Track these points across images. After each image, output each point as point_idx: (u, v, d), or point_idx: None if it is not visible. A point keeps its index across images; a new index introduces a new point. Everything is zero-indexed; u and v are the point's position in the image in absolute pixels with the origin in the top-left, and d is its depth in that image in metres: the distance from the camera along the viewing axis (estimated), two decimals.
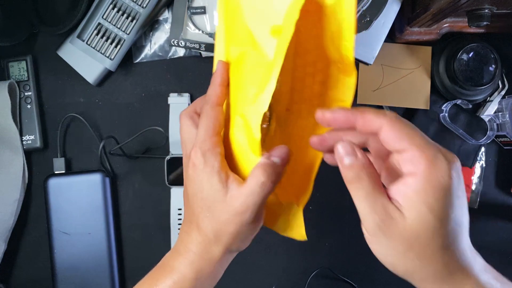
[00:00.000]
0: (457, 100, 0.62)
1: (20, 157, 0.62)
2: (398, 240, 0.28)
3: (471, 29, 0.60)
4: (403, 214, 0.28)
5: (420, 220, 0.27)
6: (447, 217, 0.27)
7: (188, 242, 0.36)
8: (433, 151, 0.28)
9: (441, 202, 0.27)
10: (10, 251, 0.63)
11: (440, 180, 0.27)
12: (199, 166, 0.34)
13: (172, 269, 0.36)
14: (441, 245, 0.28)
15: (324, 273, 0.65)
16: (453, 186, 0.27)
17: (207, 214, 0.34)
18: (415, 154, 0.28)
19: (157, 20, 0.63)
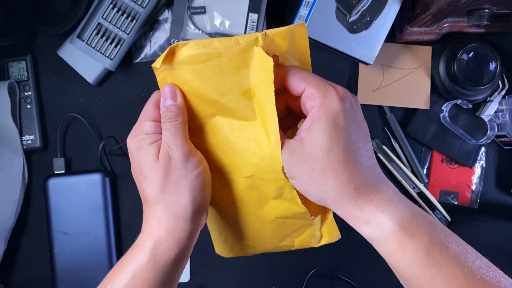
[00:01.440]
0: (457, 100, 0.62)
1: (20, 157, 0.62)
2: (303, 164, 0.32)
3: (471, 29, 0.60)
4: (304, 142, 0.32)
5: (316, 142, 0.32)
6: (340, 138, 0.32)
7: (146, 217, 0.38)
8: (325, 86, 0.33)
9: (333, 125, 0.31)
10: (10, 251, 0.63)
11: (331, 107, 0.32)
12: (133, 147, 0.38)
13: (134, 246, 0.37)
14: (339, 161, 0.32)
15: (324, 273, 0.65)
16: (344, 112, 0.32)
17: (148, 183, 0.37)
18: (311, 91, 0.33)
19: (157, 20, 0.63)
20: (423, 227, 0.31)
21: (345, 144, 0.32)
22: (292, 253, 0.65)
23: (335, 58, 0.64)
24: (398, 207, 0.32)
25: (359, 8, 0.56)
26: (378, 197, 0.32)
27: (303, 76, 0.34)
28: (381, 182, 0.33)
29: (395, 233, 0.31)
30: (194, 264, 0.65)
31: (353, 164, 0.32)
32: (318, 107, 0.32)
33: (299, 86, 0.34)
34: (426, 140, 0.64)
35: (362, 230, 0.33)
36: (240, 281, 0.65)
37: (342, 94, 0.33)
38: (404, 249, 0.31)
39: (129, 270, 0.35)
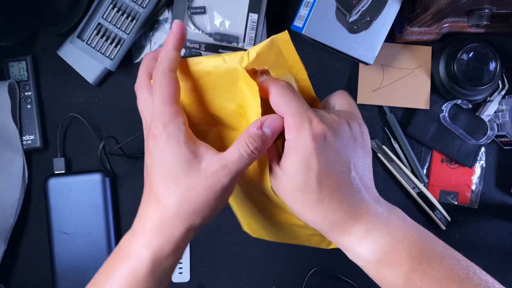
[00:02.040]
0: (457, 100, 0.62)
1: (20, 157, 0.62)
2: (286, 195, 0.33)
3: (471, 29, 0.60)
4: (285, 174, 0.32)
5: (292, 180, 0.32)
6: (312, 179, 0.31)
7: (146, 219, 0.33)
8: (300, 120, 0.31)
9: (305, 165, 0.31)
10: (10, 251, 0.63)
11: (304, 145, 0.31)
12: (161, 138, 0.32)
13: (128, 253, 0.33)
14: (314, 200, 0.32)
15: (324, 273, 0.65)
16: (316, 152, 0.31)
17: (170, 186, 0.32)
18: (288, 121, 0.32)
19: (157, 20, 0.63)
20: (402, 255, 0.31)
21: (319, 184, 0.31)
22: (292, 253, 0.65)
23: (335, 58, 0.64)
24: (376, 239, 0.32)
25: (359, 8, 0.56)
26: (356, 229, 0.32)
27: (285, 99, 0.32)
28: (362, 211, 0.33)
29: (372, 263, 0.32)
30: (194, 264, 0.65)
31: (330, 200, 0.32)
32: (292, 142, 0.31)
33: (279, 110, 0.32)
34: (426, 140, 0.64)
35: (345, 252, 0.34)
36: (240, 281, 0.65)
37: (317, 132, 0.31)
38: (383, 276, 0.32)
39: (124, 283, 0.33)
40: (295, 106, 0.32)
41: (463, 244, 0.64)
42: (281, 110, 0.32)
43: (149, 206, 0.33)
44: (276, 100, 0.32)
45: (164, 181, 0.32)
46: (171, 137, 0.32)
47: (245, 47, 0.59)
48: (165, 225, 0.32)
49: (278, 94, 0.32)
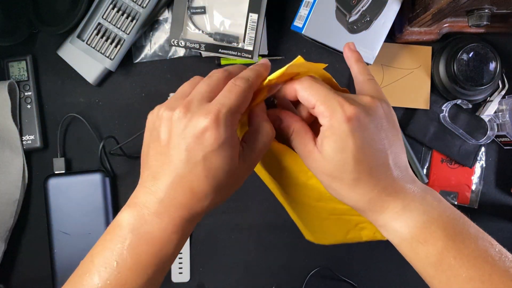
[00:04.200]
0: (457, 100, 0.62)
1: (20, 157, 0.62)
2: (324, 175, 0.34)
3: (471, 29, 0.60)
4: (323, 154, 0.34)
5: (330, 161, 0.33)
6: (349, 158, 0.33)
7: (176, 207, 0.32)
8: (333, 105, 0.33)
9: (342, 146, 0.33)
10: (10, 251, 0.63)
11: (339, 128, 0.32)
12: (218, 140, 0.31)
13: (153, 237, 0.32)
14: (353, 179, 0.33)
15: (324, 273, 0.65)
16: (351, 133, 0.32)
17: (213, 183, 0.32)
18: (320, 108, 0.33)
19: (157, 20, 0.63)
20: (437, 233, 0.33)
21: (357, 163, 0.33)
22: (292, 253, 0.65)
23: (335, 58, 0.64)
24: (412, 215, 0.33)
25: (359, 8, 0.56)
26: (392, 205, 0.34)
27: (313, 92, 0.34)
28: (398, 189, 0.34)
29: (407, 239, 0.33)
30: (194, 264, 0.65)
31: (367, 179, 0.33)
32: (327, 126, 0.33)
33: (309, 102, 0.34)
34: (426, 140, 0.64)
35: (379, 230, 0.36)
36: (240, 281, 0.65)
37: (350, 114, 0.32)
38: (416, 253, 0.33)
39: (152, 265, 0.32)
40: (324, 93, 0.34)
41: None
42: (311, 101, 0.34)
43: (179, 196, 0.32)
44: (304, 94, 0.34)
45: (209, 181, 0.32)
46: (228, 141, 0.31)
47: (245, 47, 0.59)
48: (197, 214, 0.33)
49: (304, 87, 0.34)
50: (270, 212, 0.65)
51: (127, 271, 0.32)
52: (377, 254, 0.65)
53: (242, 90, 0.33)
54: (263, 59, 0.37)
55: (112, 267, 0.32)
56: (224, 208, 0.65)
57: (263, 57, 0.63)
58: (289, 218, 0.65)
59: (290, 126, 0.36)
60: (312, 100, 0.34)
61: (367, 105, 0.34)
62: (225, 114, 0.31)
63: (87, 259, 0.34)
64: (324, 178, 0.35)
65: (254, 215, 0.65)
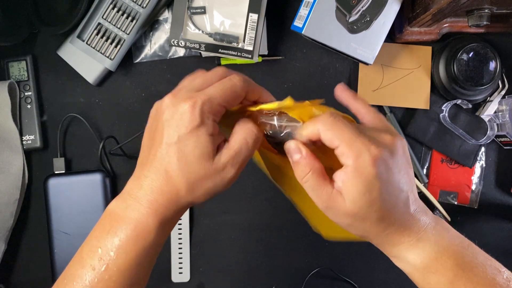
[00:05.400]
0: (457, 100, 0.62)
1: (20, 157, 0.62)
2: (343, 217, 0.34)
3: (471, 29, 0.60)
4: (343, 197, 0.33)
5: (355, 202, 0.33)
6: (376, 199, 0.33)
7: (152, 190, 0.33)
8: (358, 147, 0.33)
9: (369, 188, 0.33)
10: (10, 251, 0.63)
11: (365, 170, 0.32)
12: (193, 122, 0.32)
13: (131, 220, 0.33)
14: (376, 219, 0.34)
15: (325, 273, 0.65)
16: (378, 176, 0.33)
17: (185, 168, 0.33)
18: (344, 150, 0.33)
19: (157, 20, 0.63)
20: (448, 263, 0.34)
21: (381, 205, 0.33)
22: (292, 253, 0.65)
23: (335, 58, 0.64)
24: (425, 246, 0.35)
25: (359, 8, 0.56)
26: (407, 238, 0.35)
27: (336, 132, 0.33)
28: (413, 222, 0.35)
29: (419, 270, 0.35)
30: (194, 264, 0.65)
31: (388, 218, 0.34)
32: (353, 169, 0.33)
33: (332, 143, 0.33)
34: (426, 140, 0.64)
35: (392, 259, 0.38)
36: (240, 281, 0.65)
37: (376, 155, 0.33)
38: (428, 282, 0.35)
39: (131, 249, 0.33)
40: (348, 134, 0.33)
41: None
42: (335, 142, 0.33)
43: (157, 180, 0.34)
44: (327, 134, 0.33)
45: (181, 164, 0.33)
46: (203, 127, 0.33)
47: (245, 47, 0.59)
48: (174, 200, 0.34)
49: (328, 128, 0.33)
50: (270, 212, 0.65)
51: (108, 257, 0.33)
52: (377, 254, 0.65)
53: (232, 84, 0.34)
54: None
55: (97, 253, 0.34)
56: (224, 208, 0.65)
57: (263, 57, 0.63)
58: (289, 218, 0.65)
59: (308, 165, 0.35)
60: (335, 141, 0.33)
61: (389, 146, 0.34)
62: (204, 101, 0.33)
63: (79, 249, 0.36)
64: (345, 219, 0.35)
65: (254, 215, 0.65)
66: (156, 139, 0.34)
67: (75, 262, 0.35)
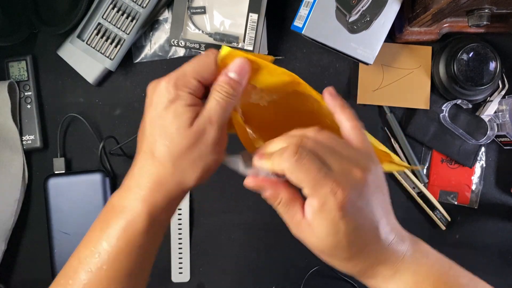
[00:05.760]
0: (457, 100, 0.62)
1: (20, 157, 0.62)
2: (315, 249, 0.34)
3: (471, 29, 0.60)
4: (313, 229, 0.33)
5: (322, 240, 0.33)
6: (342, 241, 0.32)
7: (140, 175, 0.34)
8: (324, 192, 0.31)
9: (334, 231, 0.32)
10: (10, 251, 0.63)
11: (331, 215, 0.31)
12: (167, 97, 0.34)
13: (122, 208, 0.34)
14: (343, 258, 0.33)
15: (324, 272, 0.65)
16: (343, 218, 0.31)
17: (168, 144, 0.33)
18: (309, 193, 0.32)
19: (157, 20, 0.63)
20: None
21: (349, 245, 0.33)
22: (292, 253, 0.65)
23: (335, 58, 0.64)
24: (402, 278, 0.34)
25: (359, 8, 0.56)
26: (383, 272, 0.34)
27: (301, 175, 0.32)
28: (389, 255, 0.34)
29: None
30: (194, 264, 0.65)
31: (359, 255, 0.33)
32: (317, 210, 0.32)
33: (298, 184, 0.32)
34: (426, 140, 0.64)
35: None
36: (240, 281, 0.65)
37: (341, 200, 0.31)
38: None
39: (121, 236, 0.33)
40: (314, 177, 0.31)
41: (463, 244, 0.64)
42: (301, 184, 0.32)
43: (144, 163, 0.34)
44: (293, 178, 0.32)
45: (162, 140, 0.33)
46: (179, 99, 0.33)
47: (245, 47, 0.59)
48: (162, 182, 0.34)
49: (292, 171, 0.32)
50: (270, 212, 0.64)
51: (100, 246, 0.34)
52: None
53: (203, 57, 0.35)
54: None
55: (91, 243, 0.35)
56: (224, 208, 0.65)
57: None
58: None
59: (277, 195, 0.34)
60: (301, 184, 0.32)
61: (360, 183, 0.32)
62: (178, 76, 0.34)
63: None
64: (314, 250, 0.35)
65: (254, 215, 0.65)
66: (142, 124, 0.35)
67: (73, 256, 0.35)
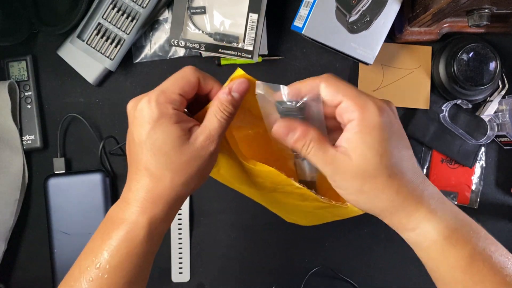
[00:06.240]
0: (457, 100, 0.62)
1: (20, 157, 0.62)
2: (353, 179, 0.33)
3: (471, 29, 0.60)
4: (350, 156, 0.32)
5: (363, 157, 0.32)
6: (386, 151, 0.32)
7: (138, 190, 0.35)
8: (363, 99, 0.32)
9: (377, 139, 0.32)
10: (10, 251, 0.63)
11: (372, 121, 0.32)
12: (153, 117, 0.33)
13: (122, 220, 0.35)
14: (388, 175, 0.32)
15: (325, 273, 0.65)
16: (384, 125, 0.32)
17: (164, 162, 0.34)
18: (349, 104, 0.32)
19: (157, 20, 0.63)
20: (467, 236, 0.33)
21: (391, 158, 0.32)
22: (292, 252, 0.65)
23: (335, 58, 0.64)
24: (443, 216, 0.33)
25: (359, 8, 0.56)
26: (424, 206, 0.33)
27: (340, 88, 0.33)
28: (426, 189, 0.34)
29: (438, 241, 0.33)
30: (194, 264, 0.65)
31: (401, 176, 0.32)
32: (359, 121, 0.32)
33: (335, 98, 0.33)
34: (426, 140, 0.64)
35: (407, 236, 0.35)
36: (240, 281, 0.65)
37: (381, 106, 0.32)
38: (446, 256, 0.33)
39: (122, 247, 0.34)
40: (352, 90, 0.33)
41: None
42: (338, 98, 0.32)
43: (140, 179, 0.35)
44: (330, 90, 0.33)
45: (157, 158, 0.34)
46: (164, 117, 0.34)
47: (245, 47, 0.59)
48: (160, 195, 0.35)
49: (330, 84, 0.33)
50: (270, 212, 0.65)
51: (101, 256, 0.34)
52: (377, 254, 0.65)
53: (182, 73, 0.35)
54: None
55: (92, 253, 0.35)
56: (224, 208, 0.65)
57: (263, 57, 0.63)
58: None
59: (307, 134, 0.33)
60: (338, 97, 0.32)
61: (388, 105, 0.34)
62: (158, 94, 0.34)
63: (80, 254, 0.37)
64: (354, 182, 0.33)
65: (253, 215, 0.65)
66: (130, 142, 0.35)
67: (74, 266, 0.36)
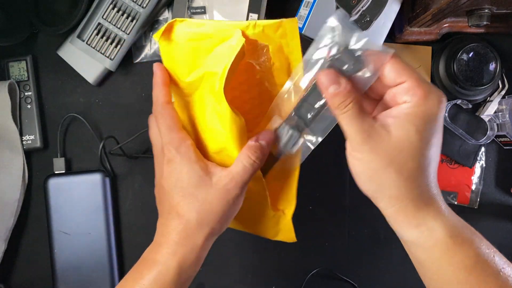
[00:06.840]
0: (457, 100, 0.62)
1: (20, 157, 0.62)
2: (381, 154, 0.32)
3: (471, 29, 0.60)
4: (390, 132, 0.31)
5: (406, 138, 0.31)
6: (430, 142, 0.32)
7: (168, 233, 0.37)
8: (428, 86, 0.32)
9: (428, 128, 0.31)
10: (10, 251, 0.63)
11: (431, 109, 0.31)
12: (176, 160, 0.36)
13: (154, 262, 0.36)
14: (419, 165, 0.32)
15: (325, 273, 0.65)
16: (438, 118, 0.32)
17: (189, 201, 0.36)
18: (413, 85, 0.32)
19: (157, 20, 0.63)
20: (471, 238, 0.34)
21: (429, 151, 0.32)
22: (292, 253, 0.65)
23: None
24: (450, 217, 0.34)
25: (359, 8, 0.56)
26: (435, 205, 0.34)
27: (406, 69, 0.32)
28: (438, 191, 0.34)
29: (445, 239, 0.33)
30: None
31: (428, 171, 0.33)
32: (418, 104, 0.31)
33: (399, 76, 0.32)
34: None
35: (409, 234, 0.34)
36: (240, 281, 0.65)
37: (442, 100, 0.32)
38: (452, 255, 0.33)
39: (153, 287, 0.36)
40: (415, 73, 0.32)
41: None
42: (402, 77, 0.32)
43: (170, 222, 0.37)
44: (398, 67, 0.32)
45: (184, 197, 0.36)
46: (184, 158, 0.36)
47: None
48: (188, 236, 0.36)
49: (398, 61, 0.32)
50: None
51: None
52: (378, 254, 0.65)
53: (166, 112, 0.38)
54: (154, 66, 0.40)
55: None
56: None
57: None
58: None
59: (350, 93, 0.32)
60: (403, 76, 0.32)
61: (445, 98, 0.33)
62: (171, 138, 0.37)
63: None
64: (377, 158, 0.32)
65: None
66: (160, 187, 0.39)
67: None
